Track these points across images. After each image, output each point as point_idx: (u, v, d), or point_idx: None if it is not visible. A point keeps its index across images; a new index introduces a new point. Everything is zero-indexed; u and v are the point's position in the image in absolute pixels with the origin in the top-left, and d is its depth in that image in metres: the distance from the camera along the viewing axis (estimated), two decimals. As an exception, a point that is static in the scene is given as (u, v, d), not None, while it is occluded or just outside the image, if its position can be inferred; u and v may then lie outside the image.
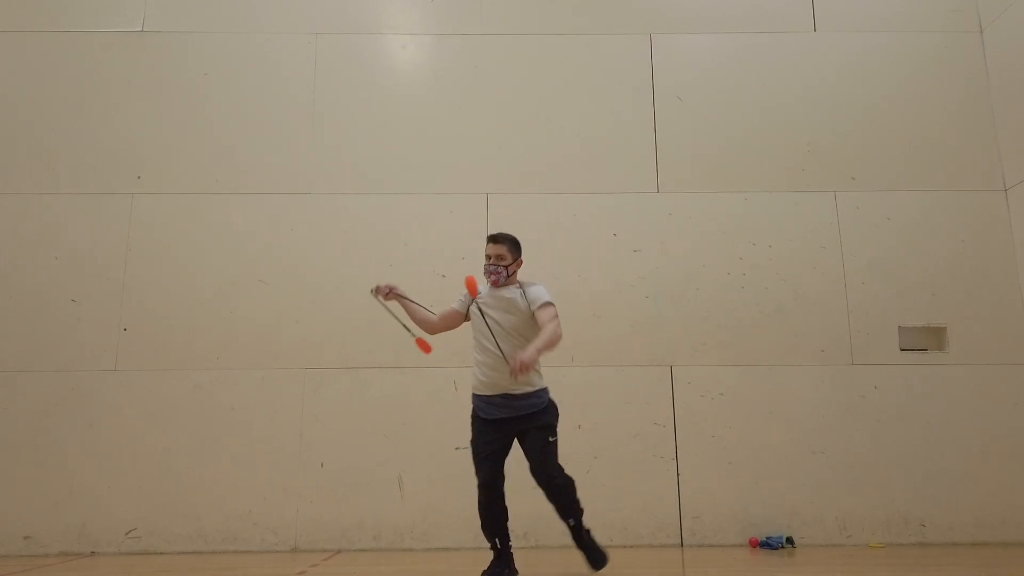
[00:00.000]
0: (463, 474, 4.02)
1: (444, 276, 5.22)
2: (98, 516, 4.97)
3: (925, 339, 5.33)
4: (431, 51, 5.84)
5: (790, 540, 4.91)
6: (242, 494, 5.02)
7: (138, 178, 5.49)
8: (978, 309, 5.33)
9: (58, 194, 5.44)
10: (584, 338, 5.14)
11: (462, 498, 3.72)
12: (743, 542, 4.99)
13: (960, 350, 5.28)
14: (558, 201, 5.50)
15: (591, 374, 5.17)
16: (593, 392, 5.14)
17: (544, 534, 4.84)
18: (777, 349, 5.30)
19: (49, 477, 5.01)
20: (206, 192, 5.48)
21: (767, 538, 4.90)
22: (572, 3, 5.90)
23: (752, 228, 5.48)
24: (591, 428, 5.09)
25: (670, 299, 5.37)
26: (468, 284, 3.80)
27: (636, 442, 5.13)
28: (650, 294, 5.38)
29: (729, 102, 5.70)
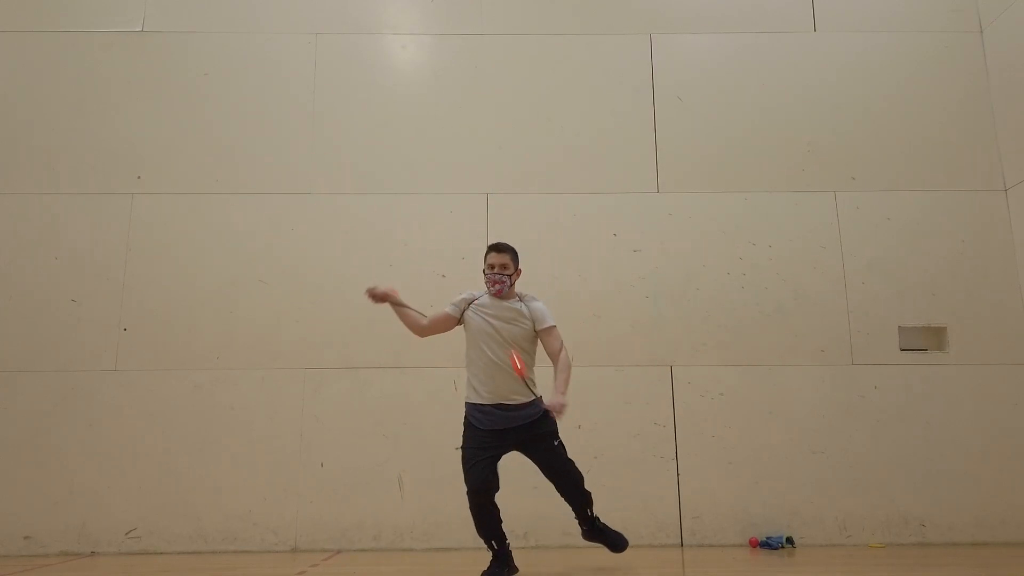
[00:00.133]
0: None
1: (444, 276, 5.24)
2: (98, 516, 4.97)
3: (925, 339, 5.33)
4: (431, 51, 5.83)
5: (790, 540, 4.92)
6: (242, 494, 5.03)
7: (138, 178, 5.49)
8: (978, 309, 5.33)
9: (58, 194, 5.44)
10: (584, 338, 5.13)
11: (462, 498, 3.71)
12: (743, 542, 4.99)
13: (960, 350, 5.28)
14: (558, 201, 5.50)
15: (591, 374, 5.16)
16: (593, 392, 5.13)
17: (544, 534, 4.85)
18: (777, 349, 5.30)
19: (49, 477, 5.01)
20: (206, 192, 5.48)
21: (767, 538, 4.90)
22: (572, 3, 5.90)
23: (752, 228, 5.48)
24: (591, 428, 5.09)
25: (670, 299, 5.37)
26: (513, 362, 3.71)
27: (636, 442, 5.14)
28: (650, 294, 5.38)
29: (729, 102, 5.70)
